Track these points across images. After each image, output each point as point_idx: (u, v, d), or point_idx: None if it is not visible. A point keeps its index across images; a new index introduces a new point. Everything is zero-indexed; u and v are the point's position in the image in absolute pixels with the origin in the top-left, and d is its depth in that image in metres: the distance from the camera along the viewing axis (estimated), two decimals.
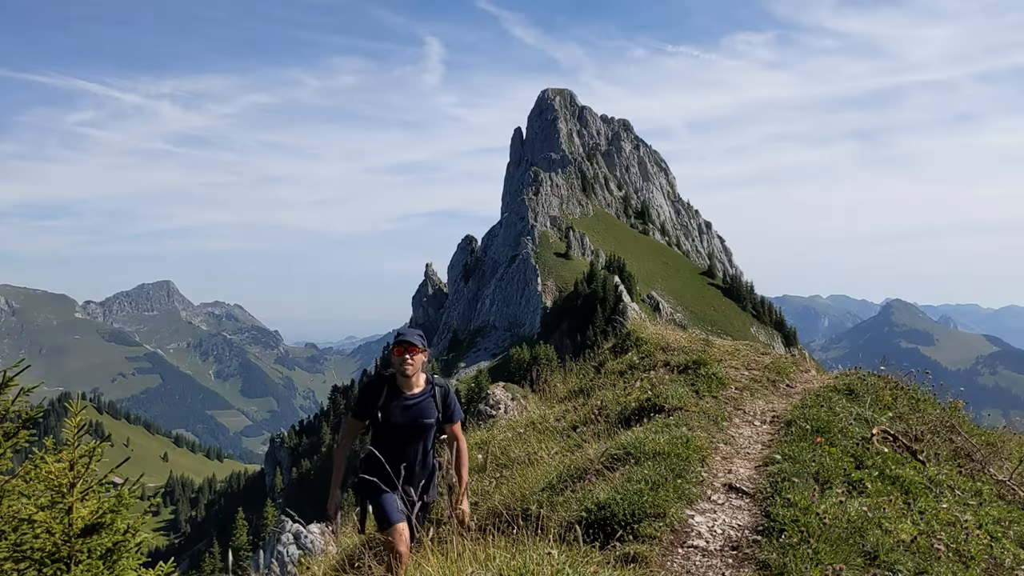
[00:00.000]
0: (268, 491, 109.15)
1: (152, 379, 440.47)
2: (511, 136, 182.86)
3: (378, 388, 4.65)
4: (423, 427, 4.65)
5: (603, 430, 6.83)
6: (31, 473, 5.05)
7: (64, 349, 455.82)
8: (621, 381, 8.80)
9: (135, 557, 5.24)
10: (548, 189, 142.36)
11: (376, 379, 4.74)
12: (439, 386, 4.75)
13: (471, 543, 3.87)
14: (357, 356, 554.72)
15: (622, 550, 4.05)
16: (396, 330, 4.93)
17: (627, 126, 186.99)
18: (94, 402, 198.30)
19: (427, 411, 4.65)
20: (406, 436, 4.61)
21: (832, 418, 6.25)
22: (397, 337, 4.63)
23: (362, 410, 4.67)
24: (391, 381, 4.65)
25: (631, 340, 10.62)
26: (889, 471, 5.29)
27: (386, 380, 4.67)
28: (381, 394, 4.62)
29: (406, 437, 4.61)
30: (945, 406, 7.72)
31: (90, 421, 6.89)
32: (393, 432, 4.60)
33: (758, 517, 4.50)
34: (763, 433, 6.40)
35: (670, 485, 4.74)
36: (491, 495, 5.77)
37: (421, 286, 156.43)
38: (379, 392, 4.62)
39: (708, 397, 7.47)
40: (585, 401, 8.35)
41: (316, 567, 5.96)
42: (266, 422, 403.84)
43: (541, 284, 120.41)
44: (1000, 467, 6.49)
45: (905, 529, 4.29)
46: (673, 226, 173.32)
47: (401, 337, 4.60)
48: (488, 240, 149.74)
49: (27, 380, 5.59)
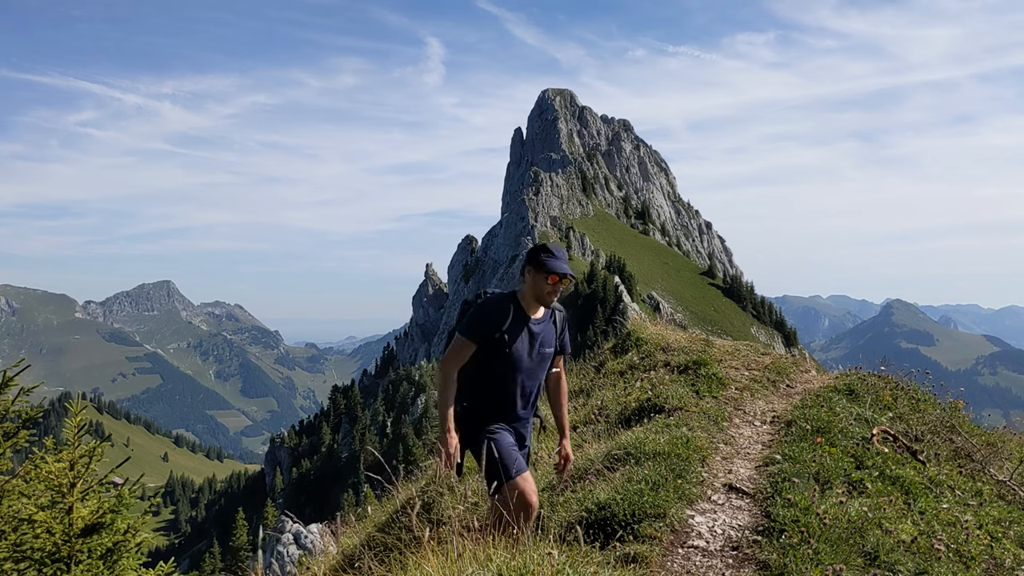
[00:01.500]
0: (268, 491, 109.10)
1: (152, 379, 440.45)
2: (511, 136, 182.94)
3: (505, 307, 3.94)
4: (545, 356, 4.04)
5: (603, 430, 6.83)
6: (31, 473, 5.05)
7: (64, 349, 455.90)
8: (621, 381, 8.80)
9: (135, 557, 5.24)
10: (548, 189, 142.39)
11: (501, 297, 4.03)
12: (559, 311, 4.16)
13: (471, 543, 3.87)
14: (357, 356, 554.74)
15: (622, 550, 4.05)
16: (546, 247, 4.05)
17: (627, 126, 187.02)
18: (94, 402, 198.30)
19: (549, 338, 4.05)
20: (527, 367, 3.96)
21: (832, 418, 6.24)
22: (550, 261, 3.93)
23: (484, 331, 3.90)
24: (517, 301, 4.00)
25: (631, 340, 10.62)
26: (889, 471, 5.28)
27: (512, 299, 4.00)
28: (508, 314, 3.93)
29: (527, 368, 3.97)
30: (945, 406, 7.72)
31: (90, 421, 6.88)
32: (514, 361, 3.92)
33: (758, 517, 4.50)
34: (763, 433, 6.40)
35: (670, 485, 4.74)
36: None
37: (421, 286, 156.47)
38: (506, 312, 3.93)
39: (708, 397, 7.47)
40: (585, 401, 8.35)
41: (316, 567, 5.96)
42: (266, 422, 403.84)
43: None
44: (1000, 467, 6.49)
45: (905, 529, 4.29)
46: (673, 226, 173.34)
47: (559, 266, 3.93)
48: (488, 240, 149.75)
49: (27, 380, 5.59)
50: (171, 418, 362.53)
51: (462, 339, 3.96)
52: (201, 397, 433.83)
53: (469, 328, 3.94)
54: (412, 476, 7.85)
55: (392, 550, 4.91)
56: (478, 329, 3.92)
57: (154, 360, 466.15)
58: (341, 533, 6.71)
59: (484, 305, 4.02)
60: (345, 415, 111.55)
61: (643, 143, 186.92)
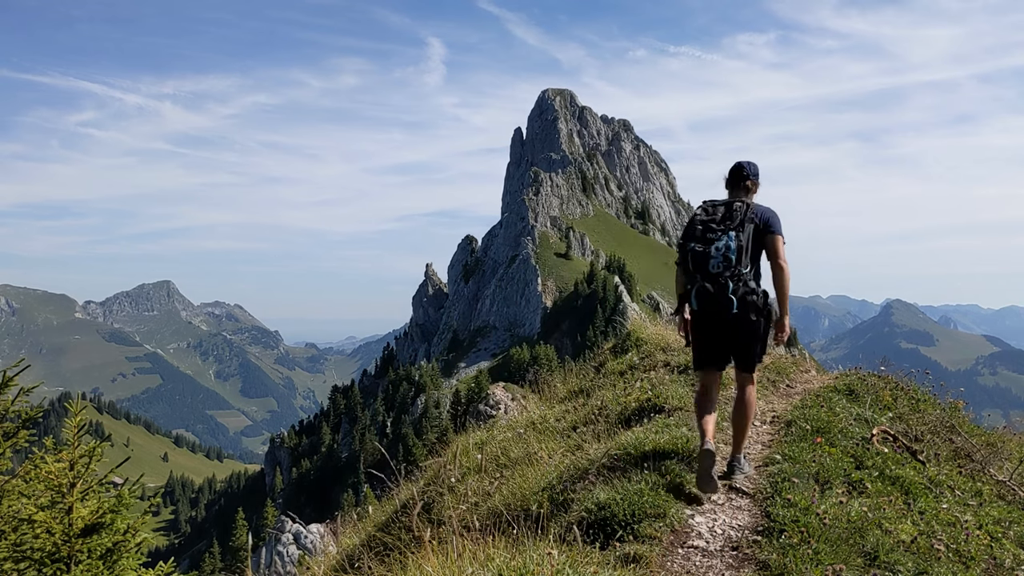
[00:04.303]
0: (268, 491, 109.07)
1: (152, 379, 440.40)
2: (511, 136, 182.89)
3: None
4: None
5: (603, 430, 6.83)
6: (31, 473, 5.05)
7: (64, 349, 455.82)
8: (621, 381, 8.79)
9: (135, 557, 5.24)
10: (548, 189, 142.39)
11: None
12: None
13: (471, 543, 3.87)
14: (357, 356, 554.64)
15: (622, 550, 4.05)
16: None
17: (627, 126, 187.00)
18: (94, 402, 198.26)
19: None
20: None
21: (832, 418, 6.24)
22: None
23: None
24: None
25: (631, 340, 10.61)
26: (889, 471, 5.28)
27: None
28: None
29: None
30: (945, 406, 7.70)
31: (90, 421, 6.89)
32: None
33: (758, 517, 4.49)
34: (763, 433, 6.39)
35: (670, 485, 4.74)
36: (491, 495, 5.77)
37: (421, 286, 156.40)
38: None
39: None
40: (585, 401, 8.35)
41: (316, 567, 5.96)
42: (266, 422, 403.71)
43: (541, 284, 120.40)
44: (1000, 467, 6.49)
45: (905, 529, 4.28)
46: (673, 226, 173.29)
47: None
48: (488, 240, 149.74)
49: (27, 380, 5.59)
50: (171, 418, 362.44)
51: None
52: (201, 397, 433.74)
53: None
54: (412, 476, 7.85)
55: (392, 550, 4.91)
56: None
57: (154, 360, 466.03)
58: (341, 533, 6.71)
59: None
60: (345, 415, 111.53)
61: (643, 143, 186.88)
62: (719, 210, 4.96)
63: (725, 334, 4.91)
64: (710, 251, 4.81)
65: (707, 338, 5.00)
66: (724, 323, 4.85)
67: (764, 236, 4.96)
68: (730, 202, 4.98)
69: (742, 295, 4.78)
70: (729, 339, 4.94)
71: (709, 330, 4.95)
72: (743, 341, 4.94)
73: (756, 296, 4.83)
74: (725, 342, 4.96)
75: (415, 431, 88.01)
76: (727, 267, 4.78)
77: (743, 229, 4.84)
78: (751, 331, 4.90)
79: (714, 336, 4.96)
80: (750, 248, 4.87)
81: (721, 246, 4.79)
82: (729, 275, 4.77)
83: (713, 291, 4.78)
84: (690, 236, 4.96)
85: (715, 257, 4.79)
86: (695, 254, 4.86)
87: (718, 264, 4.78)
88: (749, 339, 4.93)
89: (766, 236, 4.96)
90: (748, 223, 4.87)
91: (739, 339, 4.93)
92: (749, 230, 4.86)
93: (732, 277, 4.77)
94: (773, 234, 4.97)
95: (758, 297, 4.84)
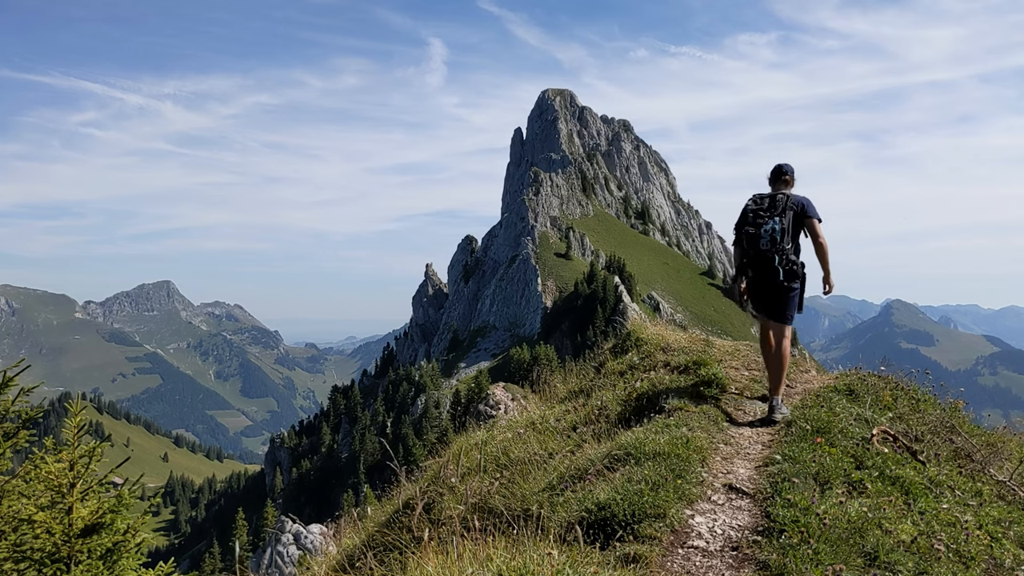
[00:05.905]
0: (268, 491, 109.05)
1: (152, 379, 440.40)
2: (511, 136, 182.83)
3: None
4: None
5: (603, 430, 6.83)
6: (31, 473, 5.05)
7: (64, 349, 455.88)
8: (621, 381, 8.79)
9: (135, 557, 5.24)
10: (548, 189, 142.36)
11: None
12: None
13: (471, 543, 3.87)
14: (357, 356, 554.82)
15: (622, 550, 4.05)
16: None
17: (627, 126, 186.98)
18: (94, 402, 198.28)
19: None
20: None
21: (832, 418, 6.24)
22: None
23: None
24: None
25: (631, 340, 10.60)
26: (889, 471, 5.28)
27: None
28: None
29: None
30: (945, 406, 7.70)
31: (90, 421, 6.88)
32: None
33: (758, 517, 4.49)
34: (763, 433, 6.39)
35: (670, 485, 4.74)
36: (491, 495, 5.76)
37: (421, 286, 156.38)
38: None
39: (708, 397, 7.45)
40: (585, 401, 8.34)
41: (316, 567, 5.96)
42: (266, 422, 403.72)
43: (541, 284, 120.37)
44: (1000, 467, 6.48)
45: (905, 530, 4.28)
46: (673, 226, 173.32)
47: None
48: (488, 240, 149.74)
49: (27, 380, 5.59)
50: (171, 418, 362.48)
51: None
52: (201, 397, 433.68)
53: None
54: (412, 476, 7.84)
55: (392, 550, 4.91)
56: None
57: (154, 360, 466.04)
58: (341, 533, 6.71)
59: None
60: (345, 415, 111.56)
61: (643, 143, 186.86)
62: (765, 200, 6.51)
63: (771, 295, 6.57)
64: (760, 233, 6.36)
65: (759, 298, 6.68)
66: (771, 286, 6.48)
67: (803, 219, 6.42)
68: (773, 194, 6.52)
69: (786, 266, 6.33)
70: (773, 298, 6.56)
71: (761, 292, 6.63)
72: (783, 300, 6.54)
73: (796, 267, 6.40)
74: (771, 300, 6.62)
75: (415, 431, 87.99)
76: (773, 245, 6.33)
77: (785, 215, 6.34)
78: (790, 293, 6.52)
79: (764, 296, 6.64)
80: (791, 229, 6.35)
81: (768, 229, 6.32)
82: (775, 251, 6.33)
83: (763, 263, 6.39)
84: (744, 221, 6.55)
85: (764, 237, 6.35)
86: (749, 235, 6.45)
87: (767, 243, 6.35)
88: (787, 299, 6.54)
89: (805, 220, 6.43)
90: (789, 210, 6.37)
91: (780, 298, 6.53)
92: (790, 215, 6.36)
93: (777, 252, 6.32)
94: (810, 218, 6.42)
95: (798, 268, 6.40)
